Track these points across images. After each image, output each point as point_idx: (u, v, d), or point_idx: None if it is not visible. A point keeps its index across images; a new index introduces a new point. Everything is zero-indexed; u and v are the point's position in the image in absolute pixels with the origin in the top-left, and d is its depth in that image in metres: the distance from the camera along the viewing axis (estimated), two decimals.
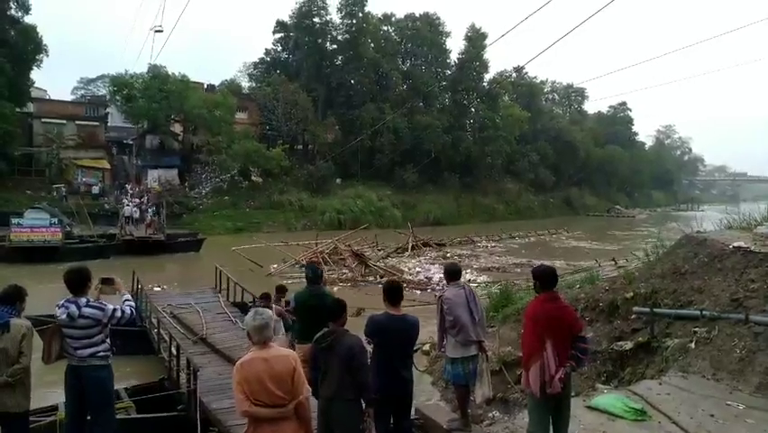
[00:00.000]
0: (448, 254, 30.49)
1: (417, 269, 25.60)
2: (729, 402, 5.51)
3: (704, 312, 7.04)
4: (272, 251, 26.45)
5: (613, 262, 21.06)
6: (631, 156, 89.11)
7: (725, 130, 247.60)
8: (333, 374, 4.39)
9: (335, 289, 16.85)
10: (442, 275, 22.70)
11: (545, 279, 4.73)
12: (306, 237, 31.91)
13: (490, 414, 7.63)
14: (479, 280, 22.15)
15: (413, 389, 5.37)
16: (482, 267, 26.42)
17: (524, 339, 4.78)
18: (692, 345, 6.80)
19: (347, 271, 23.93)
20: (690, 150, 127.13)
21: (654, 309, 7.58)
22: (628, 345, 7.58)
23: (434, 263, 27.32)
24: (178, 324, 11.85)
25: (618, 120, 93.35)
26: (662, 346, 7.17)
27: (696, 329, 6.95)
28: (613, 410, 5.40)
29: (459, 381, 6.12)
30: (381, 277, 22.73)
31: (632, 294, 8.29)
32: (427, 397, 9.58)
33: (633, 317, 7.95)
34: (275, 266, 24.19)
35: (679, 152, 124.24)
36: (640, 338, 7.56)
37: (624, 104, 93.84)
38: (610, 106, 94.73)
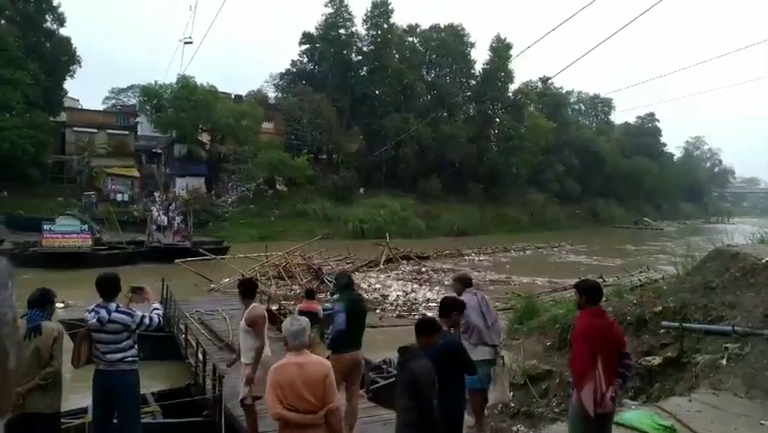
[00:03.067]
0: (423, 269, 28.18)
1: (377, 285, 23.24)
2: (763, 421, 5.36)
3: (736, 328, 6.88)
4: (219, 264, 25.03)
5: (600, 280, 20.23)
6: (659, 168, 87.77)
7: (757, 141, 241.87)
8: (398, 391, 4.25)
9: (274, 307, 14.73)
10: (400, 294, 21.49)
11: (591, 293, 4.61)
12: (329, 247, 31.73)
13: (515, 428, 7.55)
14: (440, 299, 20.61)
15: (465, 407, 5.24)
16: None
17: (574, 357, 4.64)
18: (724, 361, 6.64)
19: (298, 287, 21.05)
20: (721, 162, 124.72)
21: (684, 324, 7.42)
22: (657, 360, 7.43)
23: (400, 279, 25.24)
24: (205, 330, 11.99)
25: (646, 131, 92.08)
26: (692, 362, 7.01)
27: (727, 345, 6.79)
28: (641, 427, 5.29)
29: (473, 385, 6.11)
30: (332, 294, 20.69)
31: (660, 308, 8.13)
32: None
33: (661, 331, 7.80)
34: (226, 280, 22.15)
35: (708, 164, 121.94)
36: (669, 354, 7.40)
37: (652, 114, 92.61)
38: (638, 117, 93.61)
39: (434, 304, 19.64)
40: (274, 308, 14.50)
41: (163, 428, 7.54)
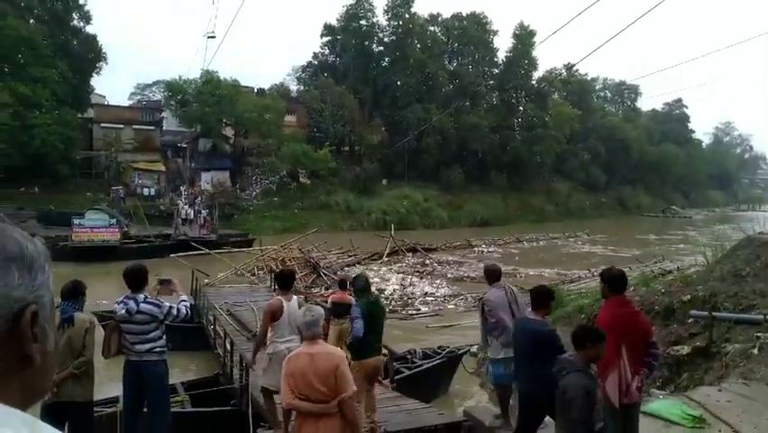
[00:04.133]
0: (428, 261, 27.25)
1: (375, 279, 21.94)
2: None
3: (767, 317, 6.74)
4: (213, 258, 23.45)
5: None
6: (687, 155, 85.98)
7: None
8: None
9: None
10: (397, 287, 20.92)
11: (615, 282, 4.56)
12: (353, 238, 31.70)
13: None
14: (438, 294, 19.99)
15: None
16: (456, 277, 23.38)
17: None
18: (755, 350, 6.51)
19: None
20: (751, 147, 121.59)
21: (714, 313, 7.29)
22: (685, 349, 7.32)
23: (402, 272, 24.31)
24: (233, 321, 12.15)
25: (674, 117, 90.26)
26: (722, 352, 6.90)
27: (759, 334, 6.67)
28: (670, 417, 5.23)
29: (500, 381, 6.09)
30: (327, 288, 18.90)
31: (689, 297, 8.02)
32: (476, 399, 9.54)
33: (690, 320, 7.69)
34: (221, 274, 21.05)
35: (739, 150, 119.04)
36: (698, 343, 7.30)
37: (680, 100, 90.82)
38: (665, 103, 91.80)
39: (432, 298, 19.19)
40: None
41: (192, 417, 7.67)
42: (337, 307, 8.25)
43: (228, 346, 9.03)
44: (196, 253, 24.05)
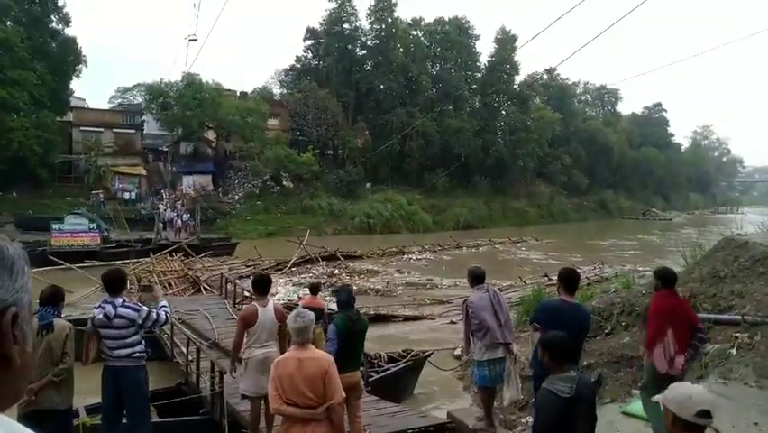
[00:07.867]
0: (336, 270, 24.55)
1: None
2: None
3: (746, 317, 6.85)
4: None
5: (546, 279, 18.99)
6: (667, 158, 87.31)
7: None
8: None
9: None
10: (282, 301, 16.15)
11: (667, 279, 5.51)
12: (336, 242, 31.53)
13: (523, 420, 7.54)
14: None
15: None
16: (359, 290, 19.66)
17: (647, 330, 5.50)
18: (733, 351, 6.61)
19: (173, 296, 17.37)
20: (729, 151, 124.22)
21: None
22: None
23: (299, 284, 21.09)
24: (188, 329, 11.68)
25: (653, 121, 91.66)
26: (701, 352, 6.99)
27: (737, 335, 6.76)
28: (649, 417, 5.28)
29: (484, 383, 6.09)
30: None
31: None
32: (460, 401, 9.55)
33: None
34: (92, 289, 16.05)
35: (717, 153, 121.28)
36: None
37: (659, 104, 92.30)
38: (645, 107, 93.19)
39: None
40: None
41: (164, 427, 7.40)
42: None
43: (190, 356, 8.82)
44: (57, 267, 21.06)
